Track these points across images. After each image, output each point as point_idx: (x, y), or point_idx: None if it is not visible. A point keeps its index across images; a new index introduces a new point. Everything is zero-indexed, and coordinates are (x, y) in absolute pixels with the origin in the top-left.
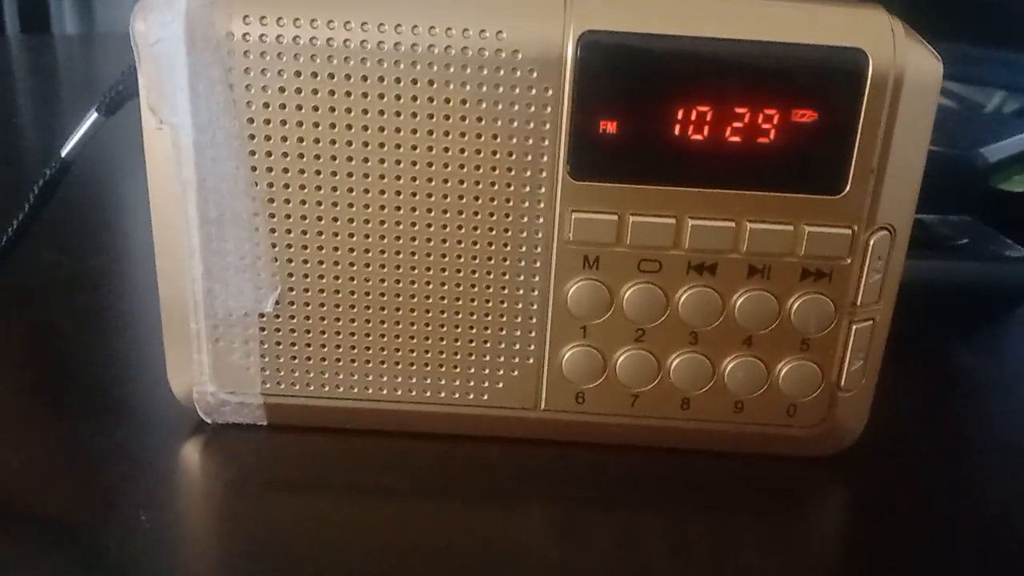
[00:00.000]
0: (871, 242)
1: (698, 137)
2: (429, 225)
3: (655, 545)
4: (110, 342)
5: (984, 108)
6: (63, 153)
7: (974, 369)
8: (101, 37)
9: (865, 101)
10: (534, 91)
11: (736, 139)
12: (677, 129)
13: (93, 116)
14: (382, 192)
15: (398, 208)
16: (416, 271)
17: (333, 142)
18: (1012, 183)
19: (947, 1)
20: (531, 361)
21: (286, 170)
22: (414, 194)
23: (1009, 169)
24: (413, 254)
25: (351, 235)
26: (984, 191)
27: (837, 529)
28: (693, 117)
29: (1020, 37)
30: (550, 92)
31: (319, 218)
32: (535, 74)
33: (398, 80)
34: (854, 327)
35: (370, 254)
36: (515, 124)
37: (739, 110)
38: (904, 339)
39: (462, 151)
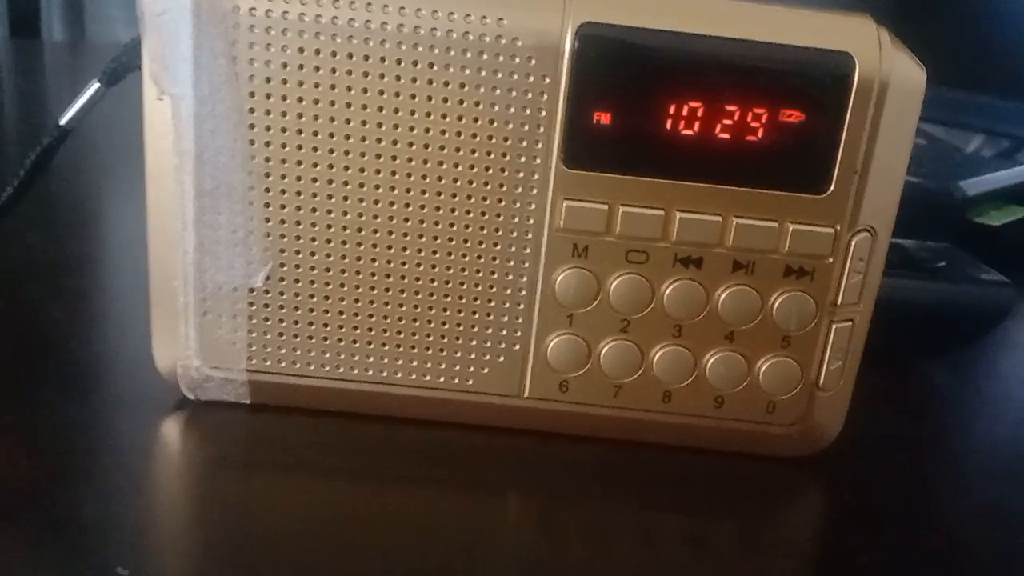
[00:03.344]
0: (853, 242)
1: (689, 132)
2: (422, 206)
3: (628, 538)
4: (94, 321)
5: (963, 150)
6: (62, 121)
7: (949, 387)
8: (90, 47)
9: (851, 104)
10: (531, 79)
11: (725, 136)
12: (669, 123)
13: (95, 86)
14: (377, 172)
15: (392, 188)
16: (407, 252)
17: (332, 120)
18: (988, 217)
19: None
20: (517, 347)
21: (283, 145)
22: (408, 175)
23: (985, 204)
24: (405, 235)
25: (344, 213)
26: (961, 222)
27: (809, 530)
28: (685, 112)
29: (1000, 82)
30: (547, 81)
31: (313, 195)
32: (533, 62)
33: (398, 61)
34: (834, 327)
35: (362, 233)
36: (511, 110)
37: (729, 107)
38: (881, 356)
39: (458, 134)
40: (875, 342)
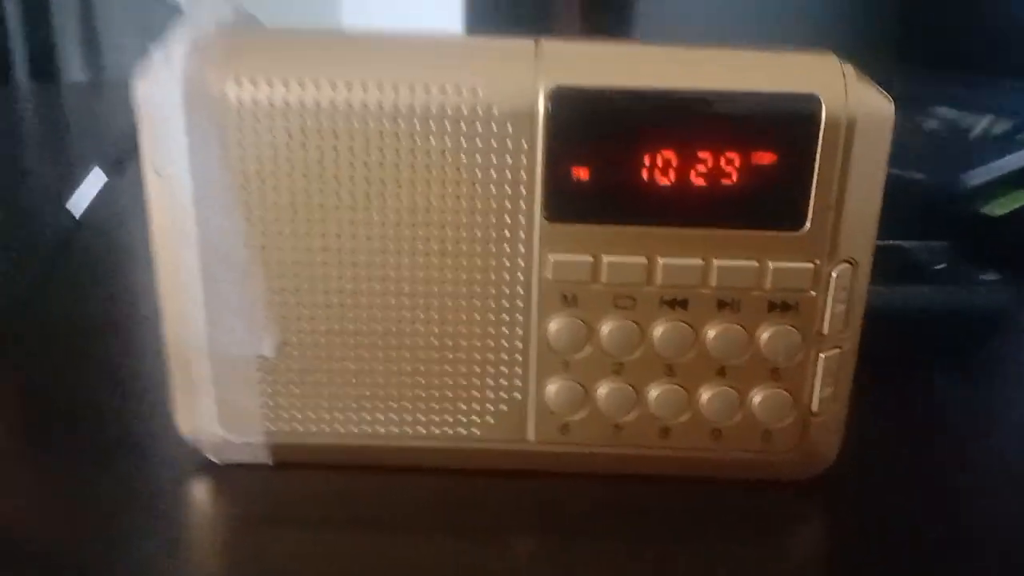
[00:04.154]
0: (834, 274)
1: (665, 181)
2: (416, 269)
3: (641, 571)
4: (120, 387)
5: (971, 132)
6: (71, 209)
7: (947, 393)
8: (109, 84)
9: (820, 143)
10: (509, 143)
11: (700, 181)
12: (645, 173)
13: (97, 172)
14: (369, 239)
15: (385, 254)
16: (405, 313)
17: (322, 193)
18: (994, 206)
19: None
20: (518, 395)
21: (279, 221)
22: (401, 240)
23: (991, 193)
24: (402, 296)
25: (343, 281)
26: (965, 217)
27: (817, 552)
28: (659, 162)
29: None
30: (524, 143)
31: (311, 265)
32: (509, 127)
33: (381, 135)
34: (822, 355)
35: (361, 298)
36: (493, 173)
37: (702, 154)
38: (880, 364)
39: (444, 199)
40: (875, 350)
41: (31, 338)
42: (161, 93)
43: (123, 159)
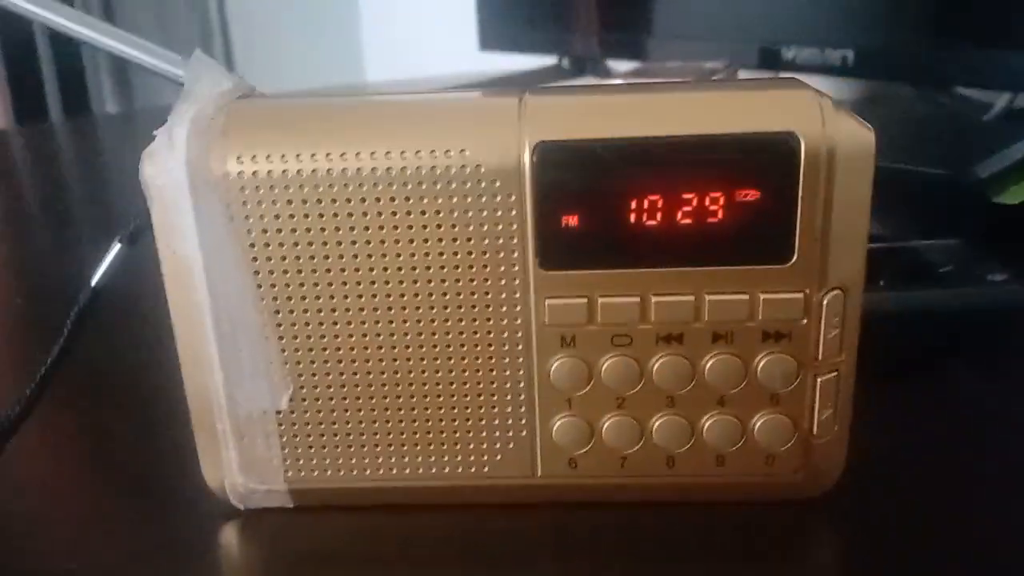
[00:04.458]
0: (824, 302)
1: (652, 223)
2: (419, 321)
3: None
4: (149, 440)
5: (986, 114)
6: (92, 283)
7: (961, 394)
8: (141, 114)
9: (801, 177)
10: (499, 197)
11: (688, 221)
12: (632, 217)
13: (117, 247)
14: (374, 296)
15: (390, 309)
16: (411, 363)
17: (327, 257)
18: (1008, 195)
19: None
20: (524, 433)
21: (287, 285)
22: (402, 295)
23: (1005, 181)
24: (407, 347)
25: (351, 336)
26: (978, 209)
27: (831, 565)
28: (646, 206)
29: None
30: (513, 197)
31: (320, 324)
32: (497, 183)
33: (378, 199)
34: (819, 380)
35: (369, 351)
36: (485, 227)
37: (687, 196)
38: (892, 367)
39: (441, 254)
40: (886, 355)
41: (65, 394)
42: (166, 175)
43: (138, 233)
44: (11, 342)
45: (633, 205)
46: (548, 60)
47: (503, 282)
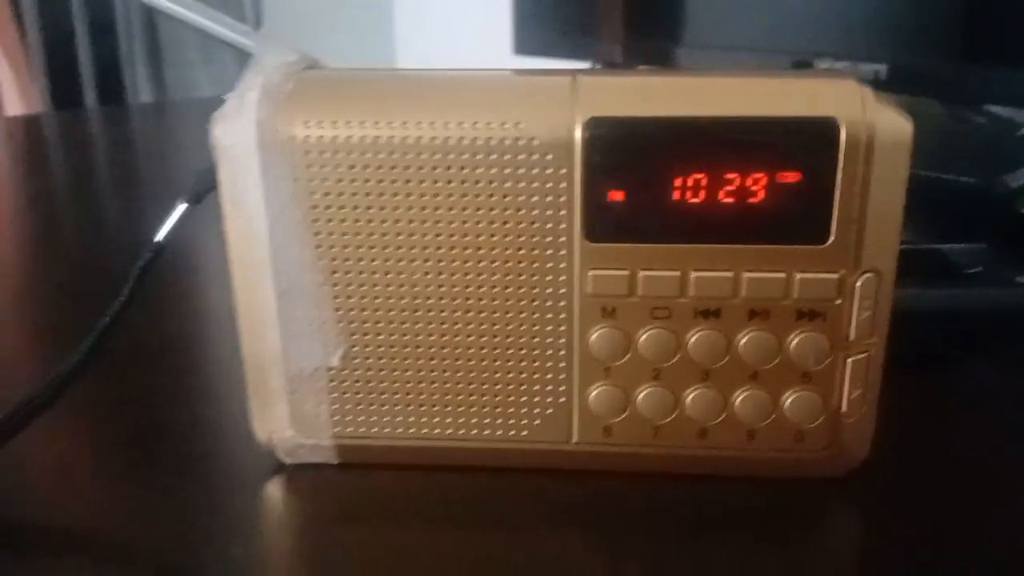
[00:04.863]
0: (858, 284)
1: (695, 200)
2: (467, 286)
3: (681, 566)
4: (200, 397)
5: (1017, 130)
6: (157, 239)
7: (985, 392)
8: (174, 105)
9: (841, 162)
10: (550, 170)
11: (729, 200)
12: (677, 195)
13: (183, 206)
14: (427, 260)
15: (441, 273)
16: (459, 326)
17: (384, 221)
18: None
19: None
20: (563, 400)
21: (345, 247)
22: (453, 261)
23: None
24: (455, 312)
25: (402, 298)
26: (1006, 218)
27: (854, 547)
28: (690, 184)
29: None
30: (564, 171)
31: (375, 286)
32: (550, 156)
33: (435, 168)
34: (850, 360)
35: (419, 313)
36: (536, 198)
37: (729, 175)
38: (917, 365)
39: (492, 223)
40: (913, 350)
41: (121, 355)
42: (236, 137)
43: (203, 193)
44: (76, 296)
45: (677, 183)
46: (580, 66)
47: (549, 252)
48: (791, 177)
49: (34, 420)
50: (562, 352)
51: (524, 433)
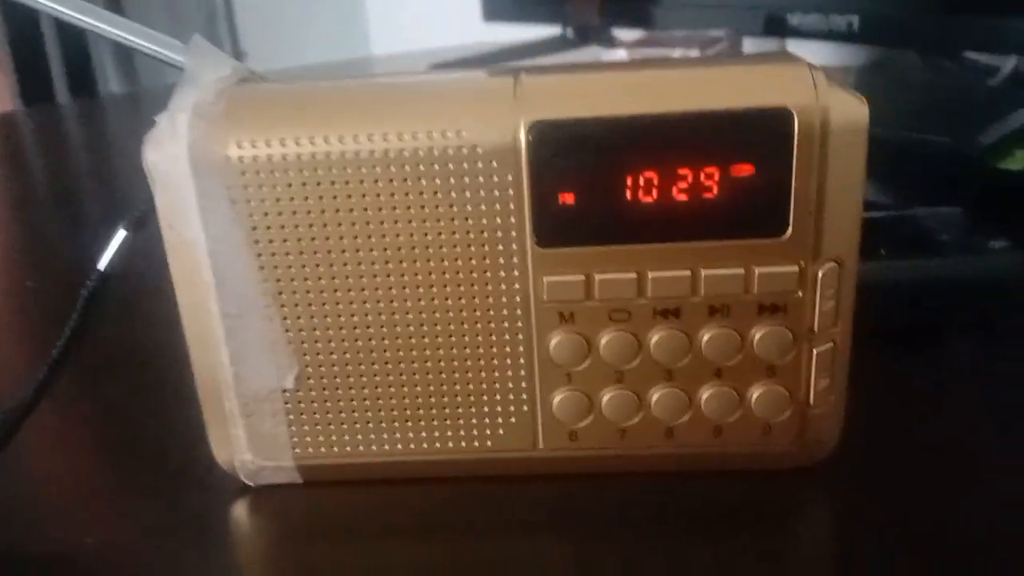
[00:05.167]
0: (820, 274)
1: (648, 199)
2: (420, 300)
3: (657, 563)
4: (160, 419)
5: (992, 78)
6: (100, 267)
7: (959, 364)
8: (145, 95)
9: (795, 151)
10: (495, 177)
11: (683, 197)
12: (628, 194)
13: (122, 233)
14: (375, 277)
15: (391, 289)
16: (413, 341)
17: (328, 239)
18: (1013, 160)
19: None
20: (525, 408)
21: (290, 267)
22: (403, 276)
23: (1009, 146)
24: (409, 327)
25: (353, 316)
26: (981, 176)
27: (827, 535)
28: (641, 183)
29: None
30: (509, 177)
31: (324, 304)
32: (495, 163)
33: (376, 181)
34: (815, 351)
35: (372, 330)
36: (483, 207)
37: (682, 172)
38: (895, 338)
39: (440, 234)
40: (885, 325)
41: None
42: (169, 160)
43: (144, 219)
44: (21, 326)
45: (628, 182)
46: (552, 30)
47: (501, 261)
48: (745, 171)
49: None
50: (521, 360)
51: (489, 443)
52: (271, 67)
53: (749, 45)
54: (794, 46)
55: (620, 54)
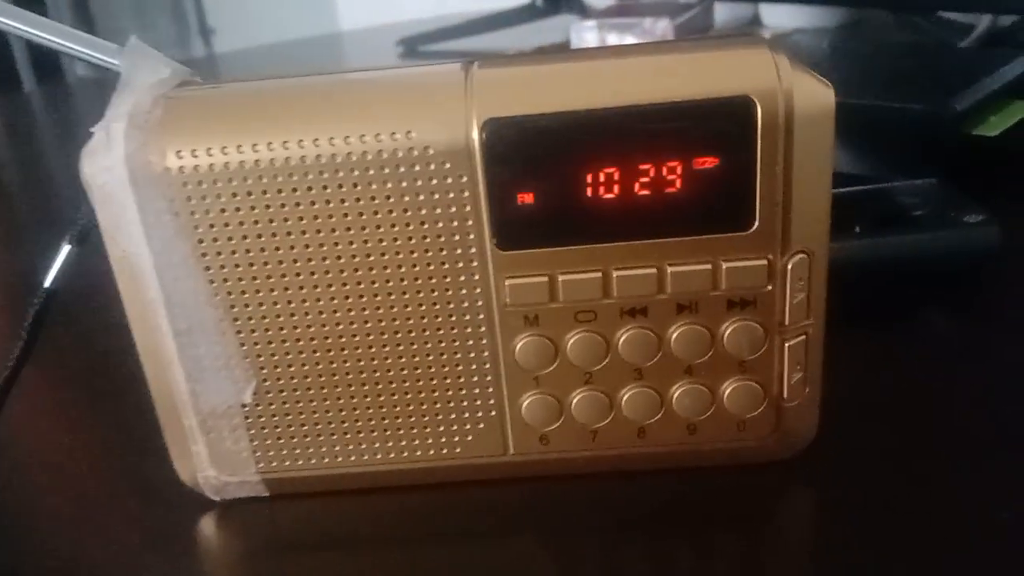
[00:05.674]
0: (789, 266)
1: (610, 196)
2: (377, 308)
3: (637, 562)
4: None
5: (965, 39)
6: (46, 284)
7: (934, 339)
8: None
9: (759, 141)
10: (449, 179)
11: (645, 193)
12: (589, 191)
13: (66, 248)
14: (330, 286)
15: (347, 297)
16: (374, 350)
17: (277, 249)
18: (987, 126)
19: None
20: (493, 413)
21: (240, 279)
22: (359, 283)
23: (984, 112)
24: (368, 335)
25: (309, 326)
26: (956, 143)
27: (806, 525)
28: (602, 179)
29: None
30: (464, 178)
31: (278, 315)
32: (448, 164)
33: (324, 187)
34: (787, 344)
35: (329, 340)
36: (438, 210)
37: (643, 167)
38: (871, 315)
39: (395, 240)
40: (859, 304)
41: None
42: (107, 173)
43: (87, 232)
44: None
45: (589, 179)
46: (522, 0)
47: (461, 265)
48: (708, 163)
49: None
50: (487, 366)
51: (458, 450)
52: (238, 44)
53: (721, 10)
54: (767, 9)
55: (590, 24)
